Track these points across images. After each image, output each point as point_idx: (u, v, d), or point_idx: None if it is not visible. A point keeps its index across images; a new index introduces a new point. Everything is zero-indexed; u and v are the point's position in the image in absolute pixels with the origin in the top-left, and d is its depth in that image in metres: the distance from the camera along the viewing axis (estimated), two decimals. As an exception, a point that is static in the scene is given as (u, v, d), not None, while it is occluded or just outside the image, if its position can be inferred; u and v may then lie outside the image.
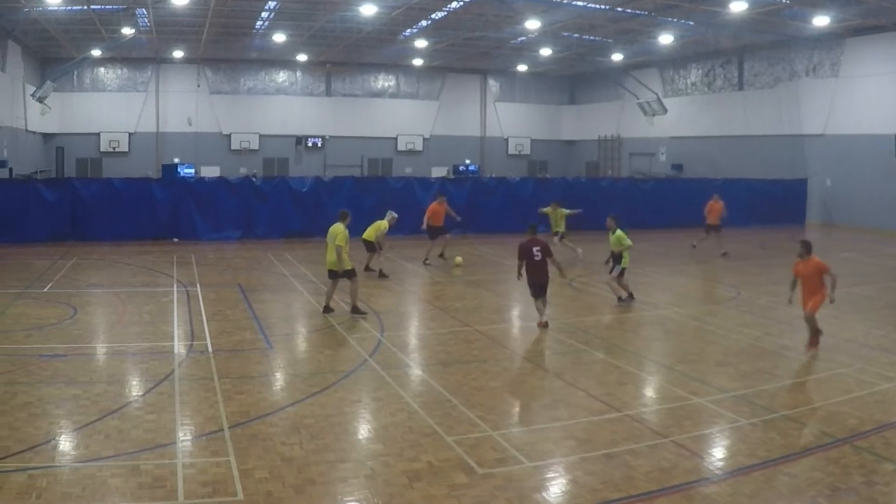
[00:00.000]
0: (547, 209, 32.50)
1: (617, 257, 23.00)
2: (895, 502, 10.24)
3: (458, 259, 30.77)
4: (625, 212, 42.56)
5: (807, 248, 17.58)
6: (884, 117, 44.04)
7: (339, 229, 20.69)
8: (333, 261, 20.69)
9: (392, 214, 27.66)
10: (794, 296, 17.88)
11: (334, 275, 20.92)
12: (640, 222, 43.13)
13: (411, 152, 70.69)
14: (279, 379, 15.69)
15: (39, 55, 60.81)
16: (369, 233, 27.22)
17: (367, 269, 27.57)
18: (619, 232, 23.09)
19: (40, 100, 53.25)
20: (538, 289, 19.91)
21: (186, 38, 55.59)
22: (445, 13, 46.96)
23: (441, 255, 31.41)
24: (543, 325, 19.64)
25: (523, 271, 20.11)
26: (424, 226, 31.78)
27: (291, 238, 38.06)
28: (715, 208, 34.35)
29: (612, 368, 16.63)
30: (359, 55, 63.34)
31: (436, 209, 31.94)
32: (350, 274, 20.75)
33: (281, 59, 65.93)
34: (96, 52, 56.73)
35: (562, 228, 32.22)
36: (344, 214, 21.55)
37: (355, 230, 39.11)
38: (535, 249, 19.82)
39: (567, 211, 32.44)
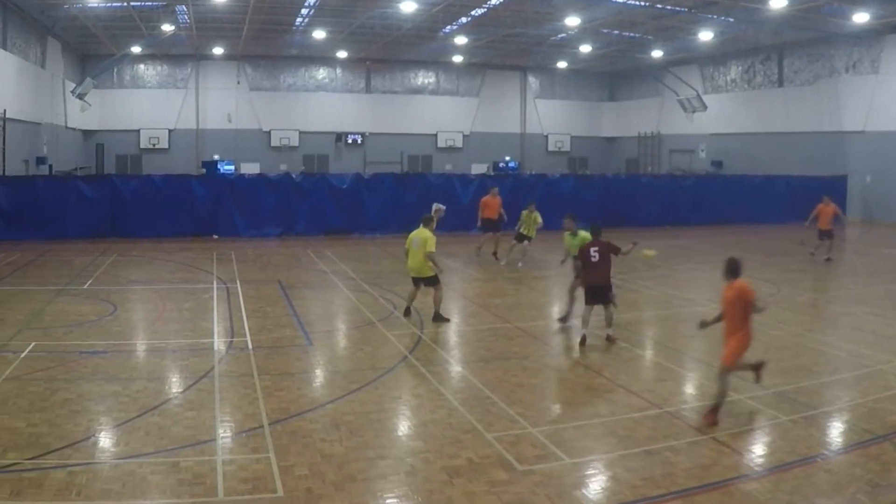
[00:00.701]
0: (525, 211, 29.80)
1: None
2: (936, 499, 10.13)
3: (649, 252, 27.31)
4: (664, 209, 42.78)
5: (730, 267, 12.84)
6: (924, 114, 43.65)
7: (426, 234, 19.54)
8: (417, 267, 19.77)
9: (438, 206, 26.25)
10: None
11: (418, 282, 20.14)
12: (680, 219, 43.44)
13: (451, 149, 70.75)
14: (319, 376, 15.70)
15: (79, 52, 61.46)
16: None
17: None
18: (581, 234, 19.87)
19: (80, 96, 53.69)
20: (591, 294, 18.11)
21: (226, 34, 55.99)
22: (485, 10, 47.02)
23: (494, 254, 31.19)
24: (583, 342, 17.81)
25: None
26: (479, 223, 31.81)
27: (331, 235, 38.22)
28: (825, 212, 31.86)
29: (652, 365, 16.75)
30: (398, 52, 63.56)
31: (489, 202, 31.81)
32: (434, 281, 19.87)
33: (321, 56, 66.21)
34: (136, 49, 57.19)
35: (532, 234, 29.57)
36: (428, 219, 20.13)
37: (397, 228, 39.62)
38: (592, 250, 18.04)
39: (540, 220, 29.63)
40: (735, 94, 60.24)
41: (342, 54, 64.58)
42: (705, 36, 49.68)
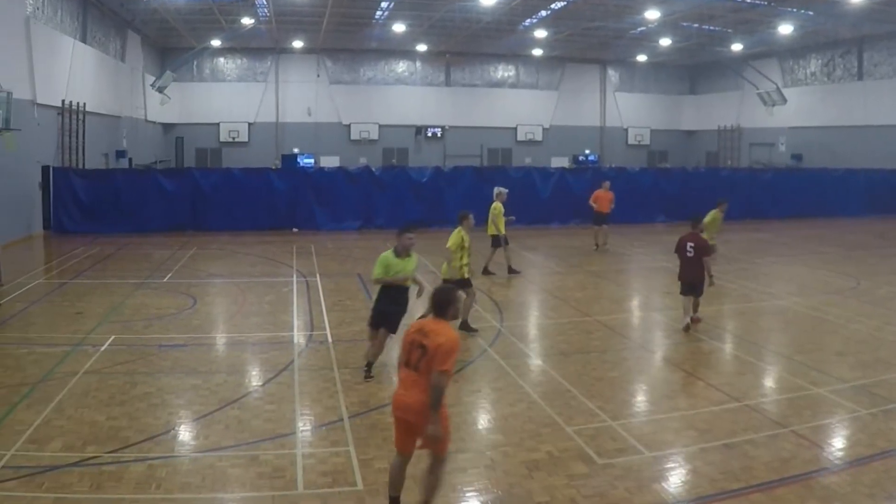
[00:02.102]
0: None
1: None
2: None
3: None
4: (744, 202, 42.61)
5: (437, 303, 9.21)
6: None
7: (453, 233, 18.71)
8: (444, 269, 18.93)
9: (500, 189, 26.27)
10: None
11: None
12: (760, 212, 43.61)
13: (531, 142, 70.58)
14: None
15: (159, 45, 62.36)
16: (489, 227, 25.87)
17: (486, 271, 25.69)
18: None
19: (160, 90, 54.48)
20: (687, 286, 18.63)
21: (306, 28, 56.45)
22: (565, 3, 47.04)
23: (596, 247, 31.38)
24: (686, 329, 18.41)
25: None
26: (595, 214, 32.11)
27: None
28: None
29: (732, 358, 16.76)
30: (478, 45, 63.55)
31: (600, 195, 32.14)
32: (466, 284, 18.37)
33: (401, 49, 66.46)
34: (216, 42, 57.89)
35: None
36: (463, 216, 19.27)
37: (477, 222, 39.33)
38: (688, 245, 18.47)
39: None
40: (815, 87, 59.57)
41: (422, 47, 64.80)
42: (785, 29, 49.44)
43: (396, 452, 9.12)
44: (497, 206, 25.77)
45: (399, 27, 53.85)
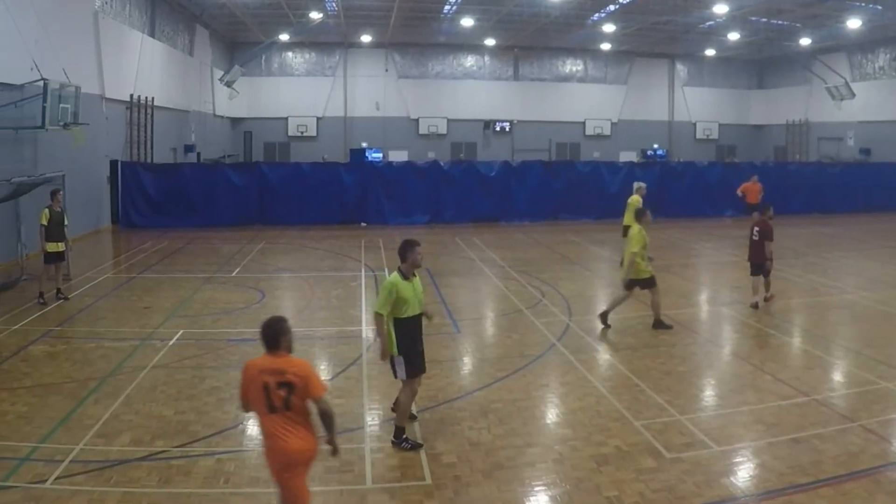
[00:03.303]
0: None
1: None
2: None
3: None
4: (812, 196, 42.44)
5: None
6: None
7: (633, 231, 18.26)
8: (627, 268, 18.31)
9: (640, 184, 26.62)
10: None
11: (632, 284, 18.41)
12: (828, 206, 43.51)
13: (599, 136, 70.33)
14: (467, 363, 15.73)
15: (227, 40, 63.02)
16: (627, 218, 25.44)
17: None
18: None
19: (228, 84, 54.87)
20: (754, 267, 20.37)
21: (374, 22, 56.67)
22: (634, -2, 46.68)
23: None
24: (755, 306, 20.06)
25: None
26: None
27: (479, 222, 38.40)
28: None
29: (800, 352, 16.78)
30: (546, 39, 63.43)
31: (748, 187, 33.26)
32: (650, 283, 18.22)
33: (469, 44, 66.51)
34: (284, 37, 58.19)
35: None
36: (640, 213, 18.68)
37: (546, 215, 39.40)
38: (755, 229, 20.33)
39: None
40: (884, 81, 58.65)
41: (490, 42, 64.80)
42: (853, 23, 48.84)
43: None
44: (636, 199, 25.77)
45: (467, 21, 53.95)
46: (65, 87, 26.24)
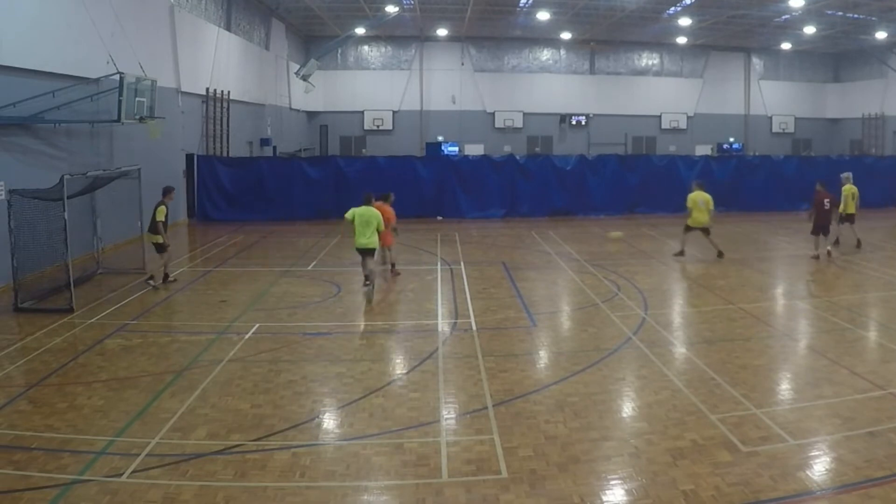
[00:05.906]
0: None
1: None
2: None
3: (615, 234, 30.55)
4: (888, 189, 42.09)
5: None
6: None
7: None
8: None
9: (847, 174, 28.94)
10: None
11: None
12: None
13: (675, 130, 69.89)
14: (543, 357, 15.67)
15: (303, 33, 63.53)
16: (847, 206, 28.31)
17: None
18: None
19: (304, 78, 55.23)
20: (819, 228, 26.01)
21: (450, 16, 56.74)
22: (710, -9, 46.36)
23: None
24: (816, 257, 25.38)
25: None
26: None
27: (555, 216, 38.30)
28: None
29: (876, 346, 16.55)
30: (622, 33, 63.19)
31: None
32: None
33: (545, 38, 66.36)
34: (360, 30, 58.34)
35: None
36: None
37: (621, 209, 39.25)
38: (825, 201, 25.92)
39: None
40: (960, 74, 57.75)
41: (566, 35, 64.46)
42: (930, 17, 47.76)
43: None
44: (850, 188, 28.39)
45: (543, 15, 53.77)
46: (141, 80, 26.48)
